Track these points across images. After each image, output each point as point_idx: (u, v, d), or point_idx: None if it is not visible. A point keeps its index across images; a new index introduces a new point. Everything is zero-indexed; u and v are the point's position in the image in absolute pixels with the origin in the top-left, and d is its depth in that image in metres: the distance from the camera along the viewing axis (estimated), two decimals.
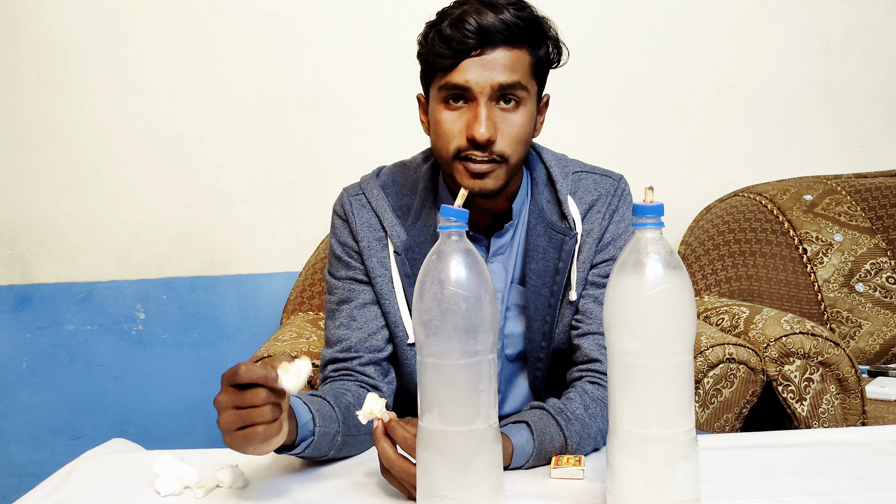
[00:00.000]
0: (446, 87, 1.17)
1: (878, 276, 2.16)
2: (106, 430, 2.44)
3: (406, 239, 1.27)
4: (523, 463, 1.09)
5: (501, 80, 1.15)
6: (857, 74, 2.45)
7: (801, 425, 1.71)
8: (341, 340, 1.28)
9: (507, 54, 1.15)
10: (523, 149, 1.20)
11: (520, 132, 1.18)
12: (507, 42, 1.15)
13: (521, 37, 1.16)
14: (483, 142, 1.15)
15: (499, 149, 1.17)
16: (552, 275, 1.26)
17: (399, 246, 1.27)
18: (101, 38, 2.39)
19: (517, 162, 1.20)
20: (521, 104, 1.18)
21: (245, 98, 2.40)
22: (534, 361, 1.30)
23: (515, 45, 1.16)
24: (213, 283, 2.45)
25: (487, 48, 1.14)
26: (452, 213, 0.90)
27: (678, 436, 0.87)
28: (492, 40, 1.14)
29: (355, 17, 2.37)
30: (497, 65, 1.15)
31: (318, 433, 1.08)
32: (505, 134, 1.17)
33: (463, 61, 1.15)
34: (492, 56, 1.15)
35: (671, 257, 0.87)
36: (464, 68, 1.15)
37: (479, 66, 1.15)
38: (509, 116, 1.17)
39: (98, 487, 1.10)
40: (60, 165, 2.43)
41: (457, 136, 1.17)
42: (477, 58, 1.15)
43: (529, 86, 1.18)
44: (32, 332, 2.48)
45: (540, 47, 1.20)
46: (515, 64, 1.16)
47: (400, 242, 1.27)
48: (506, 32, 1.14)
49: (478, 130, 1.14)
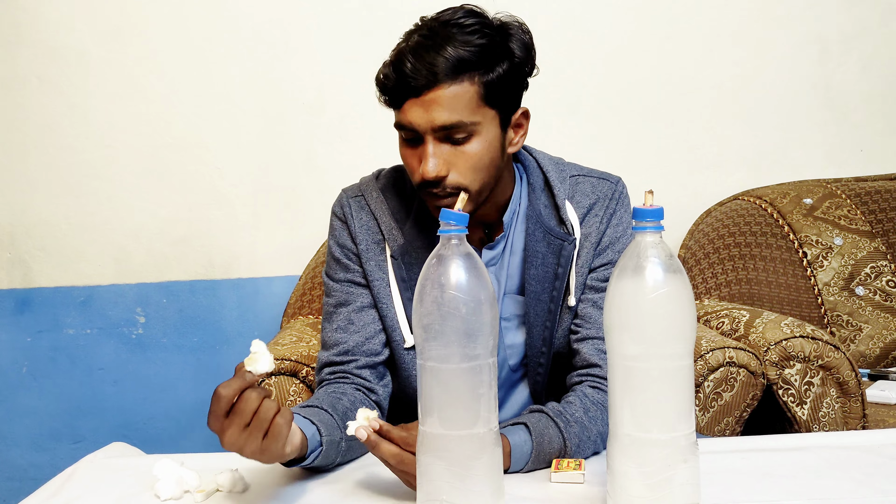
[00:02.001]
0: (397, 127, 1.18)
1: (879, 280, 2.16)
2: (106, 434, 2.44)
3: (402, 243, 1.27)
4: (522, 465, 1.09)
5: (441, 121, 1.13)
6: (856, 78, 2.45)
7: (801, 429, 1.71)
8: (338, 344, 1.28)
9: (446, 93, 1.12)
10: (485, 175, 1.18)
11: (475, 162, 1.16)
12: (448, 77, 1.12)
13: (463, 69, 1.12)
14: (431, 180, 1.15)
15: (453, 182, 1.16)
16: (552, 280, 1.26)
17: (395, 250, 1.27)
18: (101, 41, 2.39)
19: (480, 188, 1.18)
20: (473, 136, 1.15)
21: (245, 102, 2.40)
22: (534, 367, 1.30)
23: (458, 79, 1.12)
24: (214, 287, 2.45)
25: (425, 90, 1.12)
26: (453, 216, 0.90)
27: (678, 439, 0.87)
28: (430, 81, 1.12)
29: (356, 21, 2.37)
30: (436, 105, 1.12)
31: (326, 442, 1.08)
32: (458, 167, 1.16)
33: (405, 102, 1.14)
34: (431, 96, 1.12)
35: (671, 261, 0.87)
36: (406, 109, 1.14)
37: (420, 108, 1.13)
38: (461, 150, 1.15)
39: (98, 491, 1.10)
40: (61, 169, 2.43)
41: (415, 170, 1.17)
42: (416, 99, 1.13)
43: (478, 117, 1.15)
44: (32, 336, 2.47)
45: (493, 69, 1.15)
46: (456, 102, 1.12)
47: (396, 246, 1.27)
48: (446, 69, 1.11)
49: (425, 169, 1.14)
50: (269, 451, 0.95)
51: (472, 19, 1.15)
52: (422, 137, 1.15)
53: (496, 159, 1.20)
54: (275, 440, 0.94)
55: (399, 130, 1.18)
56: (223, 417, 0.92)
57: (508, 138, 1.23)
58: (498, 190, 1.26)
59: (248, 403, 0.92)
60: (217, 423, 0.93)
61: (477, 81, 1.14)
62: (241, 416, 0.92)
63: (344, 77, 2.38)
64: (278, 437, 0.94)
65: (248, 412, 0.92)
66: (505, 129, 1.21)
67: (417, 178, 1.17)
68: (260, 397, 0.92)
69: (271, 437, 0.93)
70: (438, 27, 1.15)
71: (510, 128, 1.22)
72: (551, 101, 2.40)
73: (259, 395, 0.92)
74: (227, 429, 0.92)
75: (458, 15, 1.16)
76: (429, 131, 1.14)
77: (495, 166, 1.20)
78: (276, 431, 0.93)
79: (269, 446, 0.94)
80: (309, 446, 1.06)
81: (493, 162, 1.19)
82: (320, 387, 1.27)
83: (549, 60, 2.40)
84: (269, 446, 0.94)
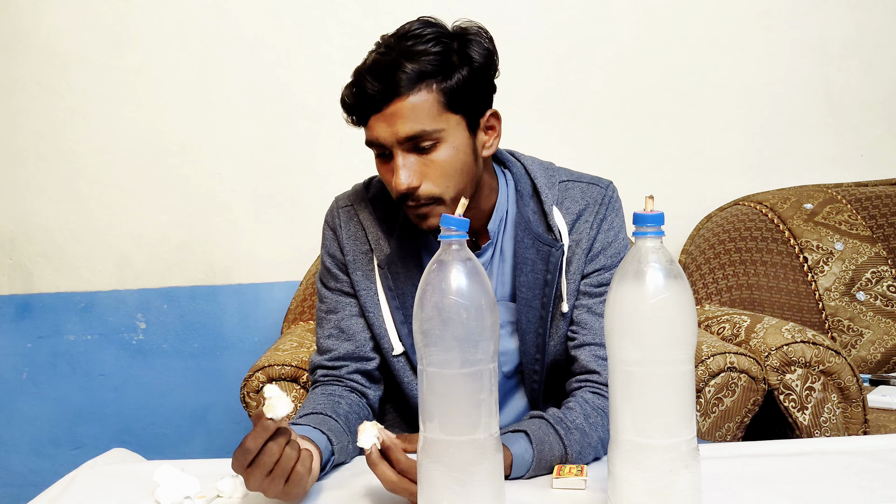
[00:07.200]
0: (368, 145, 1.20)
1: (879, 285, 2.16)
2: (106, 440, 2.44)
3: (389, 252, 1.29)
4: (523, 472, 1.09)
5: (405, 132, 1.14)
6: (856, 83, 2.46)
7: (802, 434, 1.71)
8: (330, 350, 1.32)
9: (406, 104, 1.13)
10: (459, 180, 1.19)
11: (446, 169, 1.17)
12: (406, 89, 1.13)
13: (422, 77, 1.14)
14: (404, 192, 1.16)
15: (426, 192, 1.17)
16: (541, 287, 1.26)
17: (382, 260, 1.29)
18: (101, 47, 2.40)
19: (456, 194, 1.18)
20: (440, 143, 1.16)
21: (246, 108, 2.41)
22: (530, 374, 1.30)
23: (415, 90, 1.14)
24: (214, 293, 2.45)
25: (385, 104, 1.14)
26: (453, 222, 0.90)
27: (679, 445, 0.87)
28: (389, 94, 1.13)
29: (355, 27, 2.37)
30: (398, 117, 1.14)
31: (337, 450, 1.14)
32: (430, 176, 1.16)
33: (370, 119, 1.16)
34: (392, 109, 1.14)
35: (672, 266, 0.87)
36: (371, 126, 1.17)
37: (383, 122, 1.15)
38: (429, 158, 1.16)
39: (98, 497, 1.10)
40: (61, 174, 2.43)
41: (391, 186, 1.19)
42: (378, 114, 1.15)
43: (442, 124, 1.15)
44: (33, 342, 2.47)
45: (451, 76, 1.16)
46: (416, 112, 1.14)
47: (383, 256, 1.29)
48: (404, 81, 1.13)
49: (397, 182, 1.16)
50: (291, 494, 1.00)
51: (428, 29, 1.17)
52: (391, 152, 1.17)
53: (468, 164, 1.20)
54: (295, 485, 0.99)
55: (370, 148, 1.20)
56: (246, 467, 0.96)
57: (480, 141, 1.22)
58: (480, 197, 1.26)
59: (269, 457, 0.95)
60: (241, 469, 0.97)
61: (436, 89, 1.15)
62: (263, 467, 0.96)
63: (344, 83, 2.38)
64: (299, 483, 0.99)
65: (269, 464, 0.96)
66: (474, 133, 1.21)
67: (394, 192, 1.18)
68: (281, 448, 0.96)
69: (292, 483, 0.98)
70: (394, 42, 1.17)
71: (479, 131, 1.22)
72: (552, 106, 2.40)
73: (280, 447, 0.96)
74: (250, 476, 0.97)
75: (415, 27, 1.18)
76: (395, 144, 1.15)
77: (468, 172, 1.20)
78: (297, 479, 0.98)
79: (290, 490, 0.99)
80: (323, 457, 1.10)
81: (465, 167, 1.19)
82: (315, 386, 1.31)
83: (550, 66, 2.42)
84: (290, 490, 0.99)
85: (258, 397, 1.77)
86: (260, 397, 1.77)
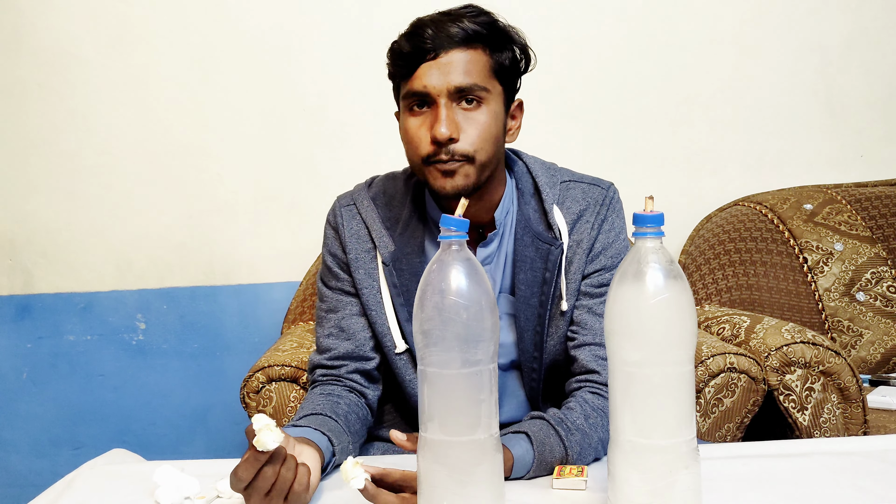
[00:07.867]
0: (408, 96, 1.20)
1: (879, 286, 2.16)
2: (106, 441, 2.44)
3: (393, 250, 1.29)
4: (523, 474, 1.09)
5: (457, 82, 1.17)
6: (856, 84, 2.46)
7: (802, 435, 1.71)
8: (329, 349, 1.32)
9: (462, 56, 1.17)
10: (491, 147, 1.21)
11: (484, 130, 1.19)
12: (462, 44, 1.18)
13: (477, 39, 1.19)
14: (444, 140, 1.16)
15: (462, 148, 1.18)
16: (540, 285, 1.27)
17: (386, 257, 1.29)
18: (102, 48, 2.40)
19: (486, 160, 1.20)
20: (483, 103, 1.19)
21: (246, 108, 2.41)
22: (528, 372, 1.31)
23: (471, 47, 1.18)
24: (214, 293, 2.45)
25: (442, 52, 1.17)
26: (453, 222, 0.90)
27: (679, 445, 0.87)
28: (446, 44, 1.17)
29: (356, 27, 2.37)
30: (452, 67, 1.17)
31: (338, 450, 1.15)
32: (468, 132, 1.18)
33: (420, 67, 1.18)
34: (447, 59, 1.17)
35: (671, 267, 0.87)
36: (421, 74, 1.18)
37: (435, 70, 1.17)
38: (472, 115, 1.19)
39: (98, 498, 1.10)
40: (62, 175, 2.43)
41: (423, 140, 1.19)
42: (432, 61, 1.17)
43: (489, 86, 1.20)
44: (33, 342, 2.48)
45: (501, 51, 1.21)
46: (471, 65, 1.18)
47: (388, 253, 1.29)
48: (461, 35, 1.17)
49: (438, 130, 1.16)
50: None
51: (480, 12, 1.22)
52: (433, 101, 1.18)
53: (499, 137, 1.23)
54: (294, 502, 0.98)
55: (408, 100, 1.21)
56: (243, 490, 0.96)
57: (507, 125, 1.27)
58: (491, 185, 1.27)
59: (265, 482, 0.95)
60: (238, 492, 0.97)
61: (488, 54, 1.20)
62: (260, 491, 0.95)
63: (345, 84, 2.38)
64: (297, 501, 0.99)
65: (265, 488, 0.95)
66: (507, 111, 1.25)
67: (425, 147, 1.19)
68: (276, 473, 0.95)
69: (291, 501, 0.98)
70: (450, 10, 1.22)
71: (509, 114, 1.26)
72: (551, 106, 2.40)
73: (275, 472, 0.95)
74: (248, 499, 0.97)
75: (468, 8, 1.22)
76: (443, 93, 1.17)
77: (498, 145, 1.23)
78: (295, 499, 0.98)
79: None
80: (324, 458, 1.10)
81: (496, 139, 1.22)
82: (314, 386, 1.32)
83: (548, 66, 2.41)
84: None
85: (258, 398, 1.77)
86: (260, 398, 1.77)
